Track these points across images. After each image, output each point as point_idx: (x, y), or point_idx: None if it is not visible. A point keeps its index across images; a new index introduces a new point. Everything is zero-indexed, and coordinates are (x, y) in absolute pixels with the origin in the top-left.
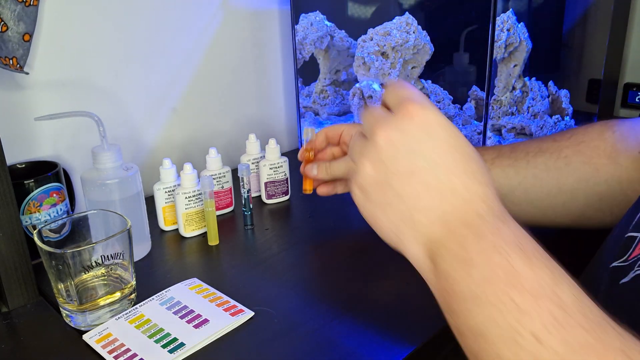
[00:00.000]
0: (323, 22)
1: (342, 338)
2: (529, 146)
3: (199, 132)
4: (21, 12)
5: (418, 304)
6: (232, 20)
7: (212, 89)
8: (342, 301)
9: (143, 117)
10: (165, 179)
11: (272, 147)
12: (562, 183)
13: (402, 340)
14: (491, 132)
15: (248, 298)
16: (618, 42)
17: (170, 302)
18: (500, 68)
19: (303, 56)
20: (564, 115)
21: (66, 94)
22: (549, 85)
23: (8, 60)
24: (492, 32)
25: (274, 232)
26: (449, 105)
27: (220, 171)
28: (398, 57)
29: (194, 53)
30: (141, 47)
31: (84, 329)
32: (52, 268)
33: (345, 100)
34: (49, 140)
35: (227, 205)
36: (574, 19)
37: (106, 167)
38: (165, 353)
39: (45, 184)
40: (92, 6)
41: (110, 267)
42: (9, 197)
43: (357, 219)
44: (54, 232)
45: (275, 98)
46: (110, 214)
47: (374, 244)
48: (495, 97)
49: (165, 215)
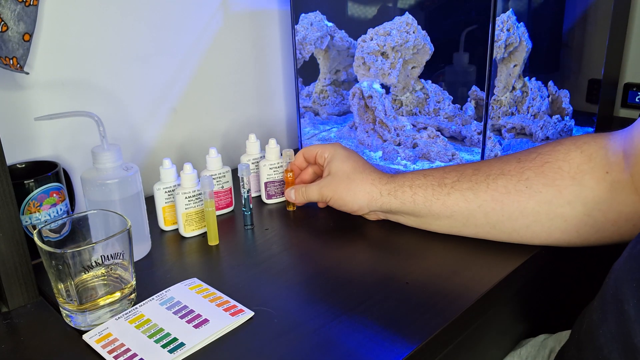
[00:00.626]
0: (323, 22)
1: (342, 338)
2: (491, 167)
3: (199, 132)
4: (21, 12)
5: (418, 304)
6: (232, 20)
7: (212, 89)
8: (342, 301)
9: (143, 117)
10: (165, 179)
11: (272, 147)
12: (524, 206)
13: (402, 340)
14: (491, 132)
15: (248, 298)
16: (618, 42)
17: (170, 302)
18: (500, 68)
19: (303, 56)
20: (564, 115)
21: (66, 94)
22: (549, 85)
23: (8, 60)
24: (492, 32)
25: (274, 232)
26: (449, 105)
27: (220, 171)
28: (398, 57)
29: (194, 53)
30: (141, 47)
31: (84, 329)
32: (52, 268)
33: (345, 100)
34: (49, 140)
35: (227, 205)
36: (574, 19)
37: (106, 167)
38: (165, 353)
39: (45, 184)
40: (92, 6)
41: (110, 267)
42: (9, 197)
43: (357, 219)
44: (54, 232)
45: (275, 98)
46: (110, 214)
47: (374, 244)
48: (495, 97)
49: (165, 215)
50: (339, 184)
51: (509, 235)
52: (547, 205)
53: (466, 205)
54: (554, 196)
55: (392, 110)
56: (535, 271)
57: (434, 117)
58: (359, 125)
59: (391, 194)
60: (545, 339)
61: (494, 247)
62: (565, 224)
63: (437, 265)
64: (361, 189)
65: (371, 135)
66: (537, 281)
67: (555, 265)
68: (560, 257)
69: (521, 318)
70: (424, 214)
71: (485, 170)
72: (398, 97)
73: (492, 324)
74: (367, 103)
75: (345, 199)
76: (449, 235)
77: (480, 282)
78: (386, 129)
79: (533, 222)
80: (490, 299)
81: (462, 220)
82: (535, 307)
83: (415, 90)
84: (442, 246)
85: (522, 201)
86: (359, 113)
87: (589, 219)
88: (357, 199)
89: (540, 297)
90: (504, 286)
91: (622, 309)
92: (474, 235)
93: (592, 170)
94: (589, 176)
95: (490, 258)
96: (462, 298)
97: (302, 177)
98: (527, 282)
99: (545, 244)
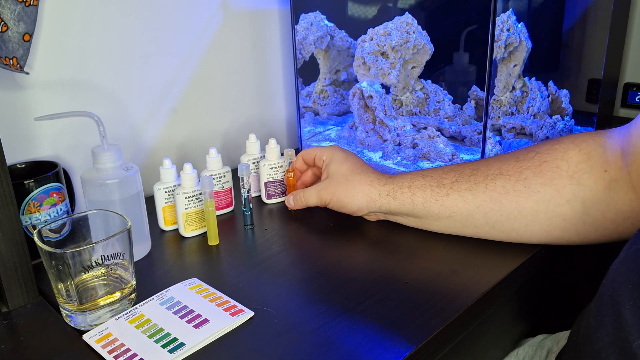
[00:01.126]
0: (323, 22)
1: (342, 338)
2: (490, 167)
3: (199, 132)
4: (21, 12)
5: (418, 304)
6: (232, 20)
7: (212, 89)
8: (342, 301)
9: (143, 117)
10: (165, 179)
11: (272, 147)
12: (522, 206)
13: (402, 340)
14: (491, 132)
15: (248, 298)
16: (618, 42)
17: (170, 302)
18: (500, 68)
19: (303, 56)
20: (564, 115)
21: (66, 94)
22: (548, 85)
23: (8, 60)
24: (492, 32)
25: (274, 232)
26: (449, 105)
27: (220, 171)
28: (398, 57)
29: (194, 53)
30: (141, 47)
31: (84, 329)
32: (52, 268)
33: (345, 100)
34: (49, 140)
35: (227, 205)
36: (574, 19)
37: (106, 167)
38: (165, 353)
39: (45, 184)
40: (92, 6)
41: (110, 267)
42: (9, 197)
43: (357, 219)
44: (54, 232)
45: (275, 98)
46: (110, 214)
47: (374, 243)
48: (495, 97)
49: (165, 215)
50: (337, 187)
51: (508, 234)
52: (545, 205)
53: (465, 206)
54: (553, 195)
55: (392, 110)
56: (535, 271)
57: (434, 117)
58: (359, 125)
59: (390, 195)
60: (544, 339)
61: (494, 247)
62: (564, 223)
63: (437, 265)
64: (360, 191)
65: (371, 135)
66: (536, 281)
67: (554, 265)
68: (560, 257)
69: (521, 318)
70: (423, 215)
71: (483, 170)
72: (398, 97)
73: (492, 324)
74: (367, 103)
75: (343, 201)
76: (449, 234)
77: (480, 281)
78: (386, 129)
79: (532, 222)
80: (490, 298)
81: (461, 220)
82: (535, 307)
83: (415, 90)
84: (442, 246)
85: (521, 201)
86: (359, 113)
87: (587, 217)
88: (356, 200)
89: (539, 296)
90: (504, 286)
91: (619, 312)
92: (474, 235)
93: (590, 169)
94: (588, 175)
95: (490, 258)
96: (461, 298)
97: (302, 180)
98: (526, 281)
99: (544, 242)
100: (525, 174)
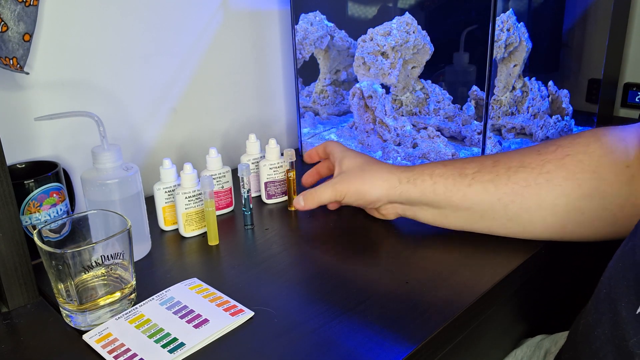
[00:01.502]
0: (323, 22)
1: (342, 338)
2: (511, 159)
3: (199, 132)
4: (21, 12)
5: (418, 304)
6: (232, 20)
7: (212, 89)
8: (342, 301)
9: (143, 117)
10: (165, 179)
11: (272, 147)
12: (542, 199)
13: (402, 340)
14: (491, 132)
15: (248, 298)
16: (618, 42)
17: (170, 302)
18: (500, 68)
19: (303, 56)
20: (564, 115)
21: (66, 94)
22: (548, 85)
23: (8, 60)
24: (492, 32)
25: (274, 232)
26: (449, 105)
27: (220, 171)
28: (398, 57)
29: (194, 53)
30: (141, 47)
31: (84, 329)
32: (52, 268)
33: (345, 100)
34: (49, 140)
35: (227, 205)
36: (574, 19)
37: (106, 167)
38: (165, 353)
39: (45, 184)
40: (92, 6)
41: (110, 267)
42: (9, 197)
43: (357, 219)
44: (54, 232)
45: (275, 98)
46: (110, 214)
47: (374, 243)
48: (495, 97)
49: (165, 215)
50: (353, 178)
51: (524, 228)
52: (565, 199)
53: (487, 197)
54: (574, 190)
55: (392, 110)
56: (535, 271)
57: (434, 117)
58: (359, 125)
59: (410, 182)
60: (542, 339)
61: (493, 247)
62: (582, 217)
63: (437, 265)
64: (378, 177)
65: (371, 135)
66: (536, 281)
67: (555, 264)
68: (559, 257)
69: (520, 318)
70: (443, 205)
71: (505, 162)
72: (398, 97)
73: (492, 324)
74: (367, 103)
75: (361, 190)
76: (449, 235)
77: (480, 281)
78: (386, 129)
79: (550, 215)
80: (490, 298)
81: (480, 212)
82: (535, 307)
83: (415, 90)
84: (442, 246)
85: (542, 194)
86: (359, 113)
87: (604, 212)
88: (375, 187)
89: (539, 297)
90: (504, 286)
91: (615, 309)
92: (487, 229)
93: (612, 163)
94: (609, 169)
95: (489, 258)
96: (461, 297)
97: (317, 169)
98: (526, 281)
99: (557, 238)
100: (548, 167)
